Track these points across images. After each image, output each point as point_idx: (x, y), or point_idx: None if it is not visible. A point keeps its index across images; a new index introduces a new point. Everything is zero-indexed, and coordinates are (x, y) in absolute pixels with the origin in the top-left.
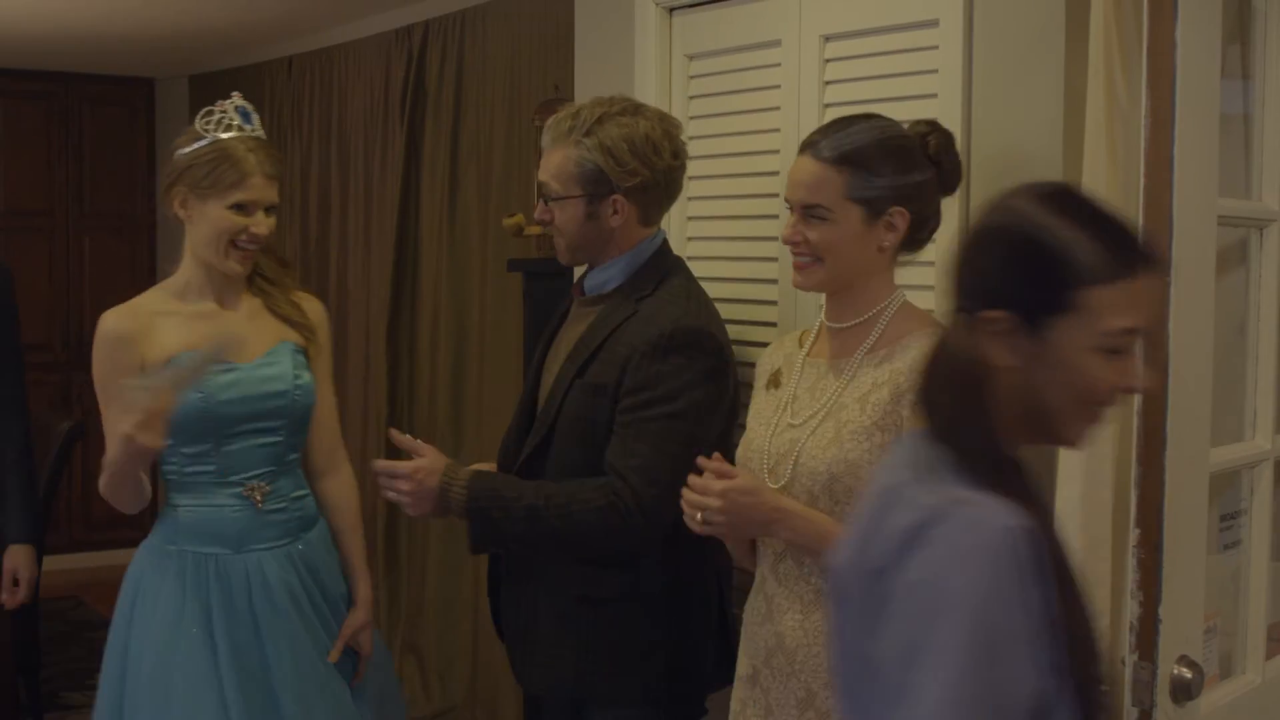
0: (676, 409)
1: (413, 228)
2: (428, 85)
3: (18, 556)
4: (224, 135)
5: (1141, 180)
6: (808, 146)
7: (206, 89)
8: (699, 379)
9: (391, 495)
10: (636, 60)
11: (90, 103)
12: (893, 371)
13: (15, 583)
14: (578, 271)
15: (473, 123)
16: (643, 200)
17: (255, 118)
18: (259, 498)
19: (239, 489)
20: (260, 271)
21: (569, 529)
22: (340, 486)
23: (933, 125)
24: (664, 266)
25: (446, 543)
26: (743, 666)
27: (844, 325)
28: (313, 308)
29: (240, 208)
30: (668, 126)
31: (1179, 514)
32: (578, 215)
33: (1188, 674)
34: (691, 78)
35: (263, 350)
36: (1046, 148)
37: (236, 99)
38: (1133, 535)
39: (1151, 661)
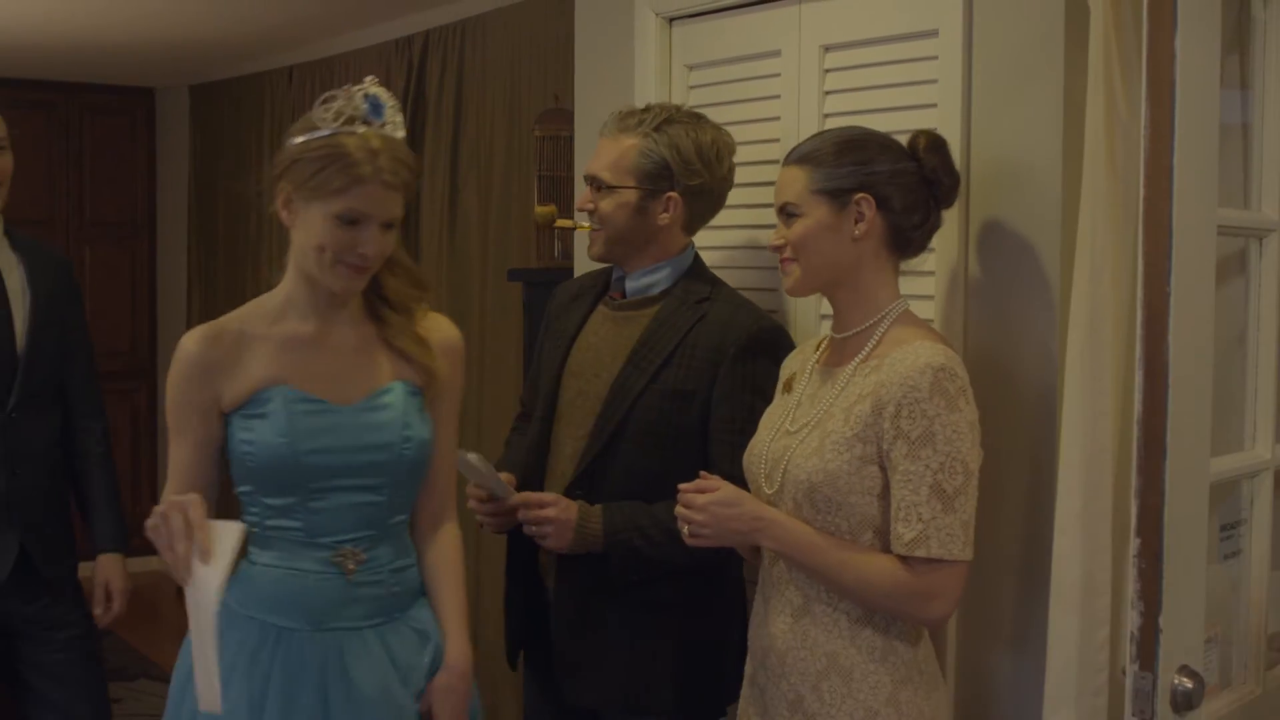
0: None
1: (413, 237)
2: (428, 95)
3: (110, 567)
4: (344, 130)
5: (1141, 190)
6: (784, 159)
7: (207, 99)
8: None
9: (533, 528)
10: (636, 70)
11: (91, 112)
12: (877, 384)
13: (108, 596)
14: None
15: (473, 132)
16: (695, 205)
17: (390, 108)
18: (351, 566)
19: (328, 553)
20: (382, 292)
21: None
22: (445, 546)
23: (927, 131)
24: (709, 274)
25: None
26: (747, 666)
27: (845, 334)
28: (443, 337)
29: (348, 219)
30: (728, 141)
31: (1179, 524)
32: (627, 207)
33: (1188, 684)
34: (691, 88)
35: (369, 390)
36: (1046, 157)
37: (370, 85)
38: (1133, 544)
39: (1152, 671)
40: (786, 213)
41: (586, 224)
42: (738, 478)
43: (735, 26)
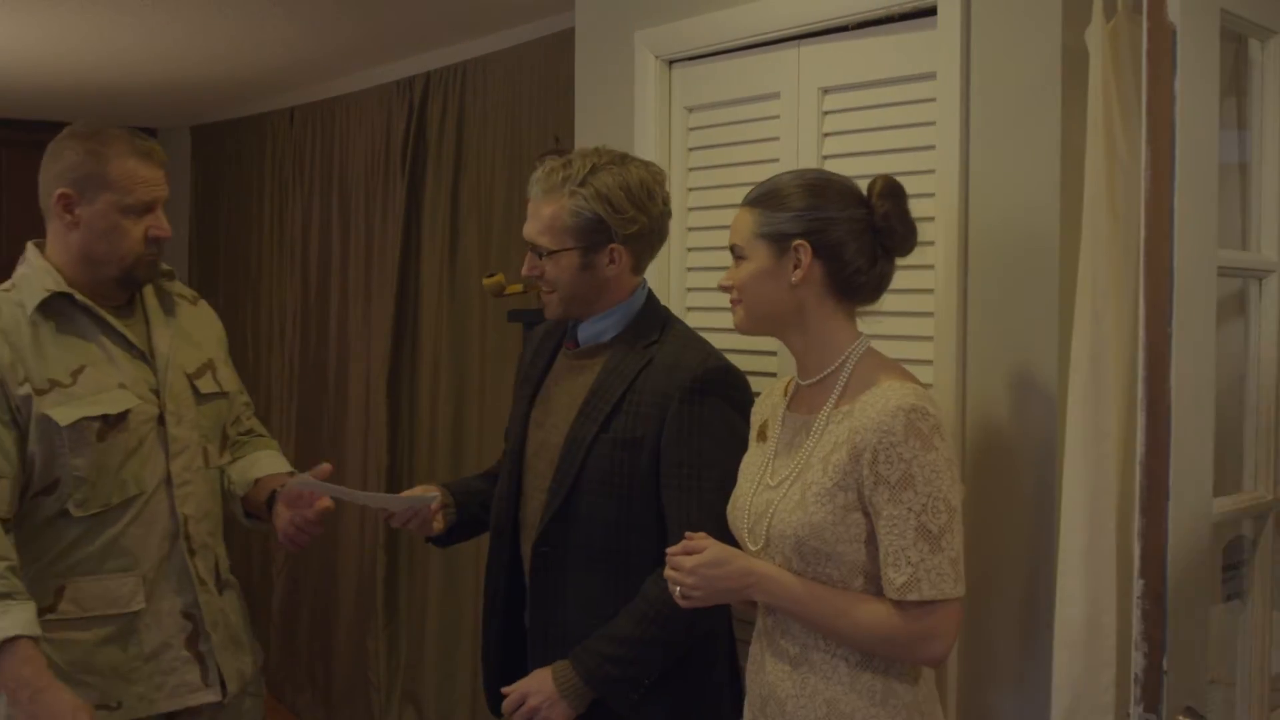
0: (724, 475)
1: (413, 278)
2: (429, 136)
3: None
4: None
5: (1142, 232)
6: None
7: (208, 139)
8: (737, 425)
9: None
10: (636, 112)
11: None
12: (851, 430)
13: None
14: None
15: (473, 174)
16: (637, 248)
17: None
18: None
19: None
20: None
21: (665, 630)
22: None
23: (885, 176)
24: (661, 313)
25: (445, 592)
26: (746, 713)
27: (810, 381)
28: None
29: None
30: (656, 173)
31: (1183, 564)
32: (572, 267)
33: None
34: (691, 129)
35: None
36: (1043, 198)
37: None
38: (1137, 586)
39: (1156, 714)
40: (737, 254)
41: (534, 286)
42: (693, 523)
43: (734, 69)
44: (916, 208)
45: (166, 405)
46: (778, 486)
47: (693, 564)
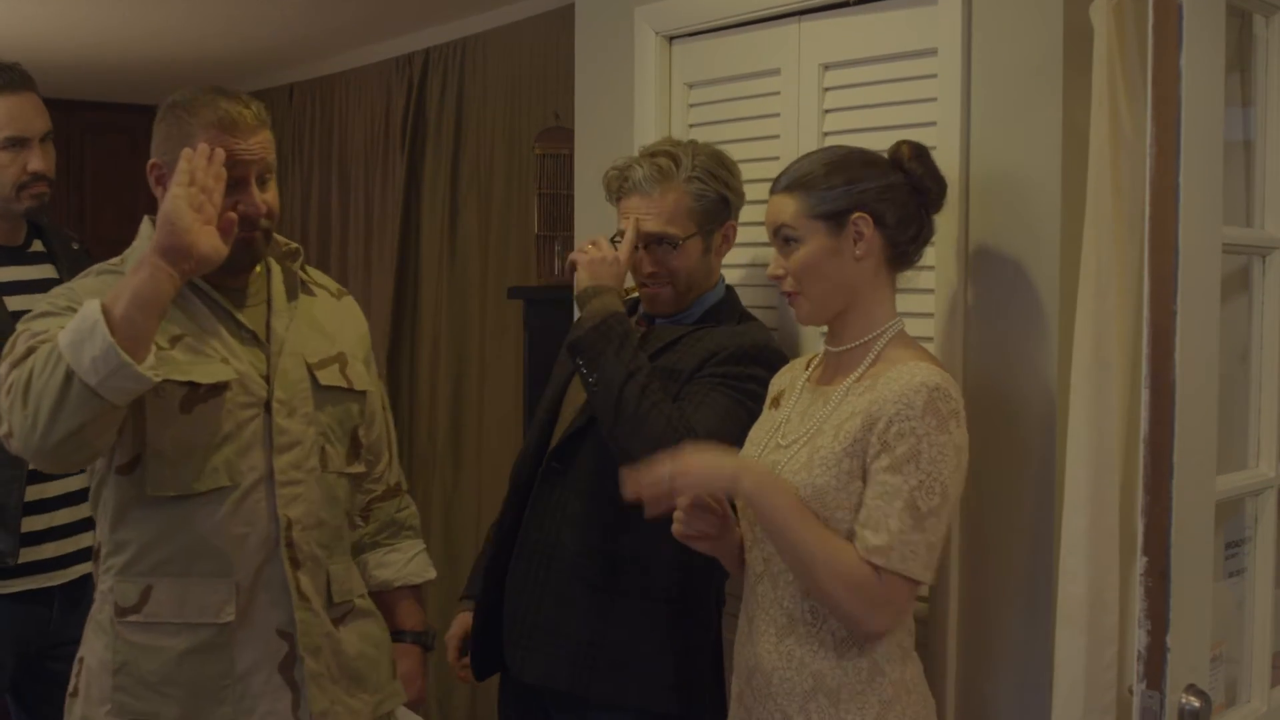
0: (749, 394)
1: (413, 255)
2: (428, 113)
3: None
4: None
5: (1147, 209)
6: (772, 186)
7: None
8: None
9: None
10: (636, 88)
11: (91, 130)
12: (870, 402)
13: None
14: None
15: (473, 150)
16: (737, 223)
17: None
18: None
19: None
20: None
21: (641, 414)
22: None
23: (907, 140)
24: (739, 305)
25: (445, 593)
26: (733, 687)
27: (840, 349)
28: None
29: None
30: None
31: (1186, 542)
32: (698, 252)
33: (1195, 703)
34: (691, 106)
35: None
36: (1045, 175)
37: None
38: (1140, 563)
39: (1160, 691)
40: (783, 238)
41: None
42: (698, 419)
43: (735, 45)
44: None
45: (276, 393)
46: (788, 447)
47: (681, 456)
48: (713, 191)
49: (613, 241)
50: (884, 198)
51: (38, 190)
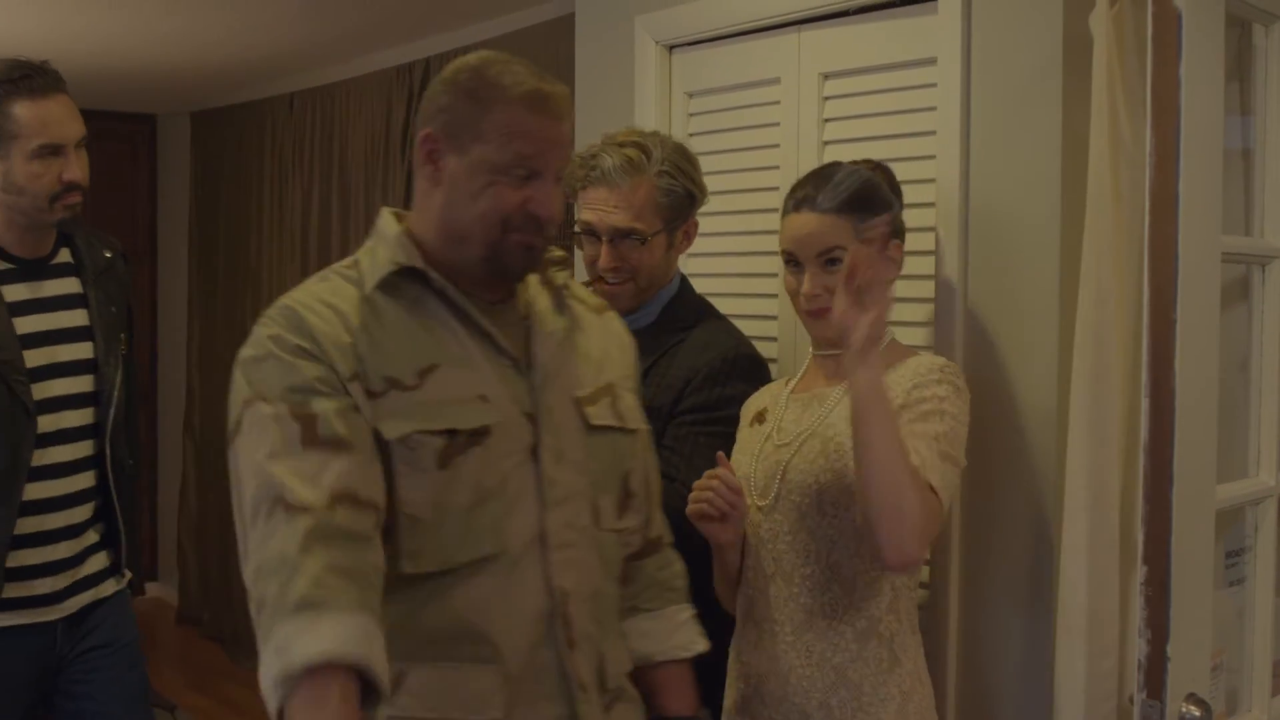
0: (729, 420)
1: None
2: None
3: None
4: None
5: (1146, 217)
6: (804, 203)
7: (208, 125)
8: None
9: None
10: (636, 97)
11: (92, 138)
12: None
13: None
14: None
15: None
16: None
17: None
18: None
19: None
20: None
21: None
22: None
23: (875, 163)
24: (697, 298)
25: None
26: (729, 698)
27: (839, 352)
28: None
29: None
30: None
31: (1186, 551)
32: (662, 250)
33: (1196, 712)
34: (691, 115)
35: None
36: (1045, 184)
37: None
38: (1140, 572)
39: (1160, 700)
40: (835, 258)
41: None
42: (687, 458)
43: (735, 54)
44: (917, 193)
45: (544, 437)
46: (789, 444)
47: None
48: (680, 187)
49: (574, 233)
50: (902, 226)
51: (72, 200)
